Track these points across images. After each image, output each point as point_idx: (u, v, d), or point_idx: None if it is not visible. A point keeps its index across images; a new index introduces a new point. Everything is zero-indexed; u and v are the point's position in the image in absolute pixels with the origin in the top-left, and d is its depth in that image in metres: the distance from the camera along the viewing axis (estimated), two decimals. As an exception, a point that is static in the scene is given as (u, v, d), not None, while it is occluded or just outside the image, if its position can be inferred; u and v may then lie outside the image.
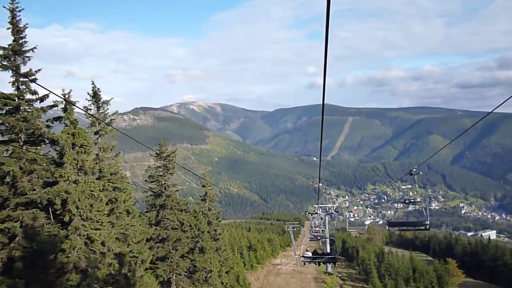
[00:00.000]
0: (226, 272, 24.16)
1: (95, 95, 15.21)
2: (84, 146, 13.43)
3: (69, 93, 13.96)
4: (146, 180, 19.78)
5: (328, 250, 26.48)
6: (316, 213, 33.45)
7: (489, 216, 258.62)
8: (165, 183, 19.80)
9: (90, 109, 15.28)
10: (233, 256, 33.19)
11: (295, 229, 45.23)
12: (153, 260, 18.60)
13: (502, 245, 66.19)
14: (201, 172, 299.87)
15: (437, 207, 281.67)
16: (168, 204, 19.12)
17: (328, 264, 41.52)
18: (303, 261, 22.59)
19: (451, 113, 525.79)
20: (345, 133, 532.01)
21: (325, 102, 6.60)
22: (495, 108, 8.10)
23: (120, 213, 15.00)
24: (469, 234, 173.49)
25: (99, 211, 13.01)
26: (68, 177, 12.63)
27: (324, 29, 4.42)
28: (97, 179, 14.17)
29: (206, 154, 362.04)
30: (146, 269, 18.39)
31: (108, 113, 15.77)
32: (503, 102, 7.62)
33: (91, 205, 12.81)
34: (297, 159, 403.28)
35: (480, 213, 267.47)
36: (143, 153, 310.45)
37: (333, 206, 40.50)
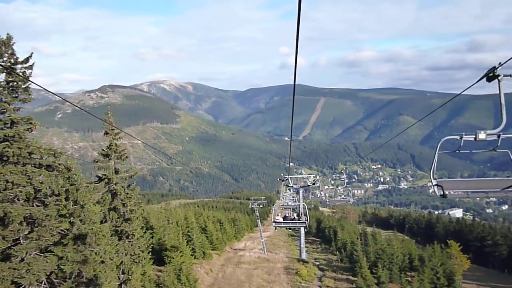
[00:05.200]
0: (143, 274, 15.42)
1: None
2: None
3: None
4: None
5: (299, 216, 24.59)
6: (287, 179, 27.09)
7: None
8: (8, 116, 10.49)
9: None
10: (178, 242, 24.76)
11: (261, 206, 37.45)
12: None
13: (489, 224, 60.90)
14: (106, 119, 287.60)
15: (406, 186, 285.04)
16: (12, 153, 9.90)
17: (302, 249, 34.24)
18: (274, 226, 24.12)
19: (421, 94, 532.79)
20: (317, 113, 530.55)
21: (297, 83, 7.16)
22: (464, 90, 8.59)
23: None
24: (436, 212, 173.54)
25: None
26: None
27: (297, 9, 4.44)
28: None
29: (177, 134, 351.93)
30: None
31: None
32: (472, 85, 7.89)
33: None
34: (269, 139, 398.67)
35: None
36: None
37: (309, 177, 32.90)
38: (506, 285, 37.11)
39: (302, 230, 32.91)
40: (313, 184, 32.71)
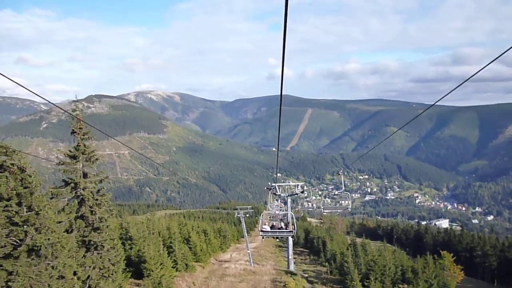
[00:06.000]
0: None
1: None
2: None
3: None
4: None
5: (286, 226, 24.76)
6: (274, 187, 26.49)
7: (441, 206, 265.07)
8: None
9: None
10: (158, 254, 23.19)
11: (248, 216, 36.10)
12: None
13: (478, 235, 60.31)
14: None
15: (392, 197, 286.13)
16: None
17: (290, 260, 32.86)
18: (261, 235, 24.01)
19: (407, 106, 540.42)
20: (304, 124, 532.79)
21: (285, 93, 8.21)
22: (439, 100, 9.58)
23: None
24: (423, 223, 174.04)
25: None
26: None
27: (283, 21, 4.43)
28: None
29: (164, 144, 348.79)
30: None
31: None
32: (447, 94, 8.97)
33: None
34: (256, 150, 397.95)
35: (433, 203, 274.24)
36: (97, 142, 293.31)
37: (297, 185, 31.77)
38: (497, 296, 36.18)
39: (290, 241, 31.64)
40: (302, 192, 31.58)
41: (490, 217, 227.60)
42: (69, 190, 13.32)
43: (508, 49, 6.62)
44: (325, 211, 25.67)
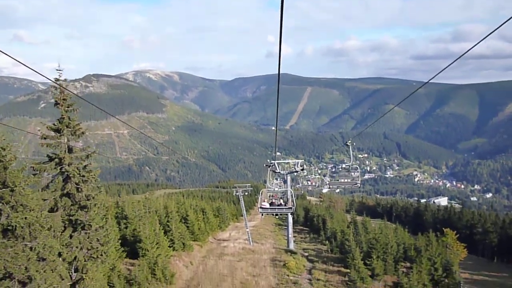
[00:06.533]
0: (112, 269, 13.10)
1: None
2: None
3: None
4: None
5: (286, 203, 25.03)
6: (273, 164, 26.26)
7: (440, 184, 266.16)
8: None
9: None
10: (154, 233, 22.56)
11: (247, 194, 35.52)
12: None
13: (478, 212, 60.09)
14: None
15: (391, 175, 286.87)
16: None
17: (290, 239, 32.44)
18: (260, 212, 25.05)
19: (407, 84, 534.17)
20: (304, 102, 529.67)
21: (284, 72, 6.84)
22: (438, 74, 9.82)
23: None
24: (422, 200, 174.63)
25: None
26: None
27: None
28: None
29: (163, 123, 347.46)
30: None
31: None
32: (445, 68, 8.96)
33: None
34: (255, 128, 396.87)
35: (432, 181, 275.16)
36: (96, 122, 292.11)
37: (297, 163, 31.04)
38: (498, 273, 35.93)
39: (290, 219, 31.12)
40: (302, 170, 30.88)
41: (489, 195, 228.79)
42: (53, 166, 12.41)
43: (505, 22, 6.27)
44: (331, 186, 25.47)
